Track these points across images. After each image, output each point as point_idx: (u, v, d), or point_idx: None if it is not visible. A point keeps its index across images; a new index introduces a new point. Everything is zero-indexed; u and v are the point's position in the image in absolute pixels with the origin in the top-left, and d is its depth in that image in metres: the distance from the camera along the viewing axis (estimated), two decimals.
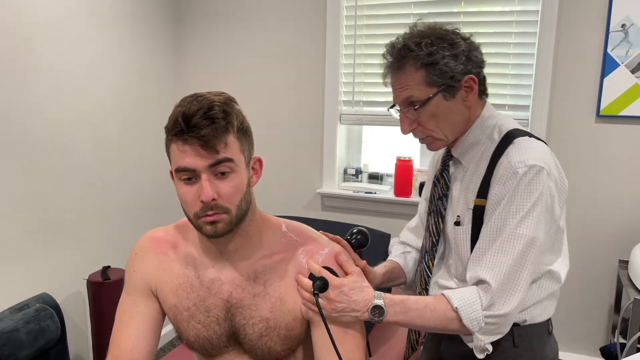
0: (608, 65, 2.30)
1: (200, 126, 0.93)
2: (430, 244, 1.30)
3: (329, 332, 1.01)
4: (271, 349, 1.10)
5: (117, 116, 2.62)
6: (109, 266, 2.48)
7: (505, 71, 2.48)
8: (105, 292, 2.33)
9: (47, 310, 2.08)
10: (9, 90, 2.05)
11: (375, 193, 2.73)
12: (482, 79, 1.20)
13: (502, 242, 1.10)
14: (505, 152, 1.14)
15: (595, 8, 2.31)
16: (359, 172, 2.85)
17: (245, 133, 1.01)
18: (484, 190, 1.16)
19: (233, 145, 0.97)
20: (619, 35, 2.27)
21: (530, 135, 1.18)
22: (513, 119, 1.26)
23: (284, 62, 2.84)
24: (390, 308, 1.09)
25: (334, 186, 2.84)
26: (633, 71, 2.27)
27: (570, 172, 2.37)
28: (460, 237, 1.21)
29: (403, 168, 2.65)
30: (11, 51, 2.05)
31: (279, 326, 1.09)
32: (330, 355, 1.02)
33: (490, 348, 1.12)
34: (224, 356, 1.15)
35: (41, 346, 2.03)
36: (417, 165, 2.72)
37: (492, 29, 2.49)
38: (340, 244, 1.17)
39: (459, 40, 1.15)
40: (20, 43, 2.08)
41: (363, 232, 1.24)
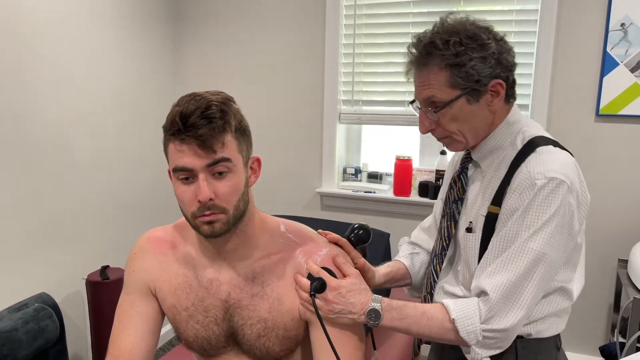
0: (607, 64, 2.30)
1: (198, 126, 0.93)
2: (440, 248, 1.26)
3: (326, 332, 1.01)
4: (269, 349, 1.10)
5: (117, 116, 2.61)
6: (108, 266, 2.48)
7: None
8: (105, 291, 2.33)
9: (46, 310, 2.08)
10: (8, 90, 2.05)
11: (374, 192, 2.72)
12: (510, 83, 1.14)
13: (510, 254, 1.06)
14: (526, 160, 1.08)
15: (595, 7, 2.30)
16: (358, 171, 2.84)
17: (243, 132, 1.01)
18: (499, 197, 1.11)
19: (231, 145, 0.97)
20: (618, 35, 2.27)
21: (556, 144, 1.12)
22: (539, 125, 1.20)
23: (283, 61, 2.84)
24: (387, 313, 1.08)
25: (333, 185, 2.84)
26: (632, 70, 2.26)
27: None
28: (470, 245, 1.17)
29: (402, 167, 2.65)
30: (10, 51, 2.04)
31: (277, 327, 1.08)
32: (329, 356, 1.01)
33: None
34: (222, 356, 1.15)
35: (40, 346, 2.03)
36: (416, 165, 2.71)
37: None
38: (340, 243, 1.16)
39: (489, 42, 1.08)
40: (20, 43, 2.08)
41: (364, 227, 1.21)
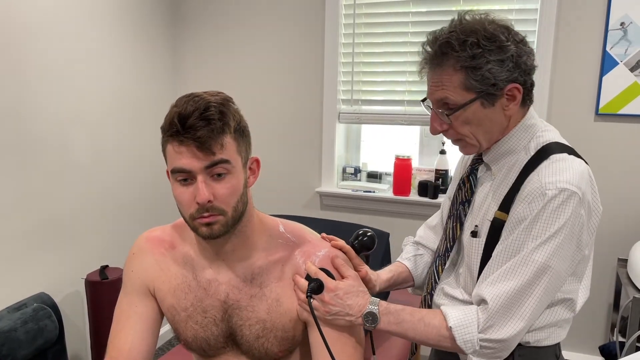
0: (607, 63, 2.29)
1: (196, 127, 0.92)
2: (444, 249, 1.24)
3: (322, 333, 1.01)
4: (268, 350, 1.10)
5: (116, 116, 2.61)
6: (107, 265, 2.47)
7: None
8: (104, 291, 2.32)
9: (45, 309, 2.08)
10: (8, 90, 2.04)
11: (374, 192, 2.72)
12: (528, 87, 1.10)
13: (514, 264, 1.03)
14: (538, 168, 1.05)
15: (594, 6, 2.30)
16: (357, 171, 2.84)
17: (242, 133, 1.00)
18: (507, 203, 1.08)
19: (229, 147, 0.96)
20: (617, 34, 2.26)
21: (571, 152, 1.07)
22: (556, 129, 1.16)
23: (283, 61, 2.83)
24: (384, 317, 1.07)
25: (332, 185, 2.83)
26: (632, 69, 2.26)
27: None
28: (473, 249, 1.15)
29: (402, 167, 2.65)
30: (10, 51, 2.04)
31: (276, 327, 1.08)
32: (327, 357, 1.01)
33: None
34: (221, 357, 1.15)
35: (39, 346, 2.03)
36: (415, 164, 2.71)
37: None
38: (343, 250, 1.15)
39: (508, 44, 1.04)
40: (19, 42, 2.07)
41: (368, 234, 1.18)
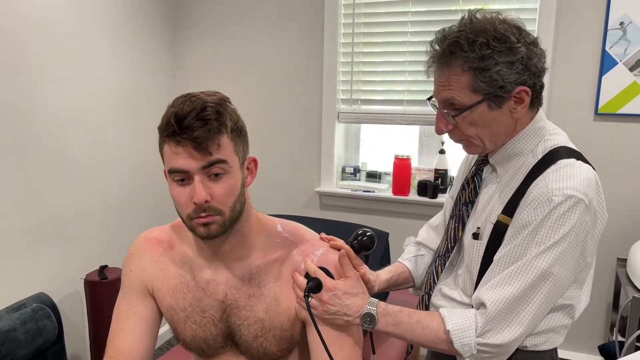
0: (606, 63, 2.29)
1: (193, 127, 0.92)
2: (445, 249, 1.23)
3: (319, 332, 1.01)
4: (267, 349, 1.10)
5: (115, 116, 2.61)
6: (106, 265, 2.47)
7: None
8: (103, 291, 2.33)
9: (44, 309, 2.08)
10: (8, 90, 2.04)
11: (373, 192, 2.72)
12: (538, 89, 1.08)
13: (516, 269, 1.02)
14: (545, 172, 1.03)
15: (594, 6, 2.30)
16: (357, 170, 2.84)
17: (239, 133, 1.00)
18: (511, 207, 1.06)
19: (226, 147, 0.96)
20: (617, 33, 2.26)
21: (579, 157, 1.06)
22: (564, 133, 1.14)
23: (282, 60, 2.83)
24: (382, 318, 1.07)
25: (332, 185, 2.83)
26: (631, 69, 2.26)
27: None
28: (474, 251, 1.13)
29: (401, 166, 2.65)
30: (10, 51, 2.04)
31: (274, 327, 1.08)
32: (325, 356, 1.01)
33: None
34: (220, 357, 1.15)
35: (39, 346, 2.03)
36: (415, 164, 2.71)
37: None
38: (342, 249, 1.14)
39: (518, 45, 1.02)
40: (19, 43, 2.07)
41: (367, 234, 1.17)
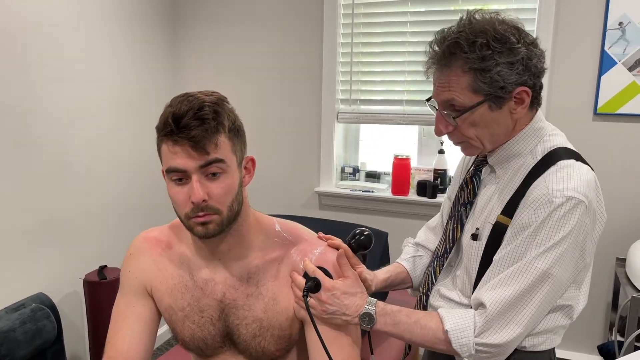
0: (605, 63, 2.29)
1: (191, 127, 0.92)
2: (443, 250, 1.23)
3: (318, 332, 1.01)
4: (265, 349, 1.10)
5: (114, 116, 2.61)
6: (105, 265, 2.47)
7: None
8: (102, 291, 2.33)
9: (43, 310, 2.08)
10: (8, 90, 2.04)
11: (372, 192, 2.72)
12: (537, 89, 1.08)
13: (515, 270, 1.02)
14: (545, 174, 1.03)
15: (593, 6, 2.30)
16: (356, 170, 2.84)
17: (237, 133, 1.00)
18: (511, 208, 1.06)
19: (224, 146, 0.96)
20: (616, 33, 2.26)
21: (578, 158, 1.06)
22: (563, 133, 1.14)
23: (282, 60, 2.83)
24: (381, 318, 1.07)
25: (331, 185, 2.83)
26: (630, 69, 2.26)
27: None
28: (473, 252, 1.13)
29: (400, 166, 2.65)
30: (10, 51, 2.04)
31: (273, 326, 1.09)
32: (324, 356, 1.01)
33: None
34: (219, 356, 1.15)
35: (38, 346, 2.03)
36: (414, 164, 2.71)
37: None
38: (340, 248, 1.14)
39: (519, 46, 1.02)
40: (19, 43, 2.07)
41: (365, 233, 1.19)
